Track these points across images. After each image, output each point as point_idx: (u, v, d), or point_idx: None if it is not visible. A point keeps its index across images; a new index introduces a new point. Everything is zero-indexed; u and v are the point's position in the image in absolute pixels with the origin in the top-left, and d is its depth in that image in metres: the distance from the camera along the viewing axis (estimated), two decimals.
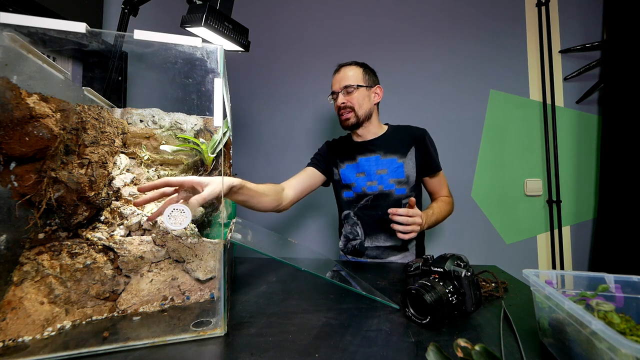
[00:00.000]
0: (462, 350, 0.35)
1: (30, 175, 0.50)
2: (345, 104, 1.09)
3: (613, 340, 0.30)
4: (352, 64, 1.14)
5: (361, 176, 1.13)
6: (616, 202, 1.34)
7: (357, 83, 1.09)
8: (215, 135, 0.71)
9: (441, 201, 1.11)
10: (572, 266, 1.49)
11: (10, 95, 0.46)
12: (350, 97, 1.09)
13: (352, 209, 1.15)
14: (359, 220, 1.13)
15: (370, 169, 1.12)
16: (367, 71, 1.14)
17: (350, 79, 1.10)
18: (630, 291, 0.49)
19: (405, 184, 1.10)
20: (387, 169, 1.10)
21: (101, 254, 0.56)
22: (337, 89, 1.11)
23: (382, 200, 1.09)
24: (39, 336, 0.46)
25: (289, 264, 0.66)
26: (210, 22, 0.94)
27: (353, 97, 1.09)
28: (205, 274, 0.60)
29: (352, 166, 1.15)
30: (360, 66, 1.14)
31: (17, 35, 0.48)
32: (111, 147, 0.62)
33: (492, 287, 0.71)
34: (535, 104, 1.55)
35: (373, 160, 1.12)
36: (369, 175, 1.12)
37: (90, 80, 1.01)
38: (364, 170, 1.13)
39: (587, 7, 1.51)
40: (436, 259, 0.61)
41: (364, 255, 1.11)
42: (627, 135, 1.31)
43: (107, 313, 0.54)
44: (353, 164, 1.15)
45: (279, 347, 0.46)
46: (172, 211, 0.51)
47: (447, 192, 1.16)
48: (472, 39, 1.61)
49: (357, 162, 1.14)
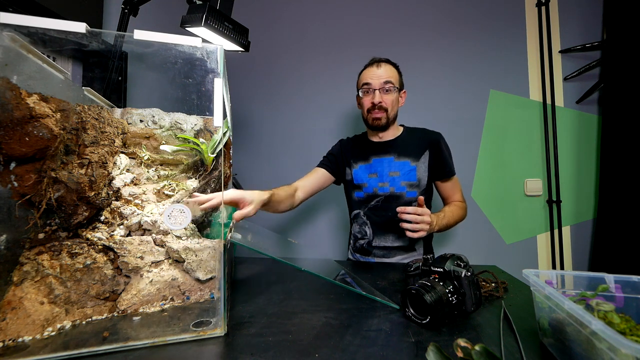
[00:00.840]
0: (462, 350, 0.35)
1: (30, 175, 0.50)
2: (381, 104, 1.05)
3: (613, 340, 0.30)
4: (390, 64, 1.09)
5: (373, 177, 1.12)
6: (616, 202, 1.34)
7: (396, 84, 1.06)
8: (215, 135, 0.71)
9: (454, 205, 1.10)
10: (572, 266, 1.49)
11: (11, 95, 0.46)
12: (387, 96, 1.05)
13: (362, 209, 1.15)
14: (368, 220, 1.13)
15: (383, 170, 1.11)
16: (400, 73, 1.11)
17: (392, 77, 1.06)
18: (630, 291, 0.49)
19: (417, 187, 1.09)
20: (399, 172, 1.09)
21: (101, 254, 0.56)
22: (376, 84, 1.05)
23: (392, 201, 1.09)
24: (39, 336, 0.46)
25: (289, 264, 0.66)
26: (210, 22, 0.94)
27: (389, 97, 1.06)
28: (205, 274, 0.60)
29: (365, 167, 1.14)
30: (396, 67, 1.11)
31: (17, 35, 0.48)
32: (111, 147, 0.62)
33: (492, 287, 0.71)
34: (535, 104, 1.55)
35: (386, 162, 1.11)
36: (381, 176, 1.11)
37: (90, 80, 1.01)
38: (376, 171, 1.12)
39: (587, 7, 1.51)
40: (436, 259, 0.61)
41: (371, 254, 1.12)
42: (627, 135, 1.31)
43: (107, 313, 0.54)
44: (366, 165, 1.14)
45: (279, 347, 0.46)
46: (172, 211, 0.51)
47: (460, 197, 1.15)
48: (472, 39, 1.61)
49: (371, 163, 1.13)
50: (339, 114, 1.75)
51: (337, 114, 1.75)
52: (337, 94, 1.75)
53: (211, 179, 0.71)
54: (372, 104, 1.06)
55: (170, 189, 0.66)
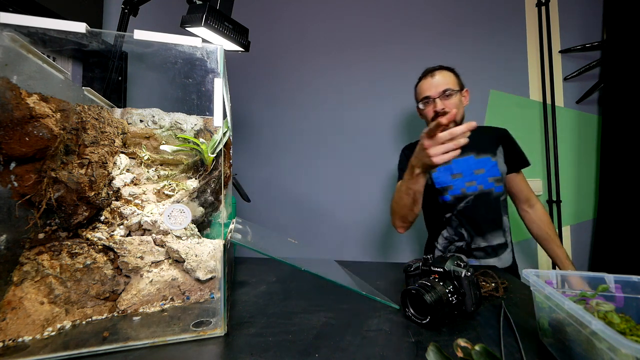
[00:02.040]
0: (462, 350, 0.35)
1: (30, 175, 0.50)
2: (444, 109, 1.07)
3: (613, 340, 0.30)
4: (444, 69, 1.13)
5: (458, 177, 1.12)
6: (616, 202, 1.34)
7: (454, 87, 1.09)
8: (215, 135, 0.71)
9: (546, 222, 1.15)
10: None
11: (11, 95, 0.46)
12: (448, 101, 1.08)
13: (452, 212, 1.13)
14: (462, 221, 1.11)
15: (467, 168, 1.11)
16: (457, 75, 1.14)
17: (449, 83, 1.09)
18: (630, 291, 0.49)
19: (501, 181, 1.11)
20: (484, 168, 1.11)
21: (101, 254, 0.56)
22: (434, 94, 1.09)
23: (483, 199, 1.09)
24: (39, 336, 0.46)
25: (289, 264, 0.66)
26: (210, 22, 0.94)
27: (451, 101, 1.08)
28: (205, 274, 0.59)
29: (444, 169, 1.13)
30: (451, 70, 1.14)
31: (17, 35, 0.48)
32: (111, 147, 0.62)
33: (492, 287, 0.71)
34: (535, 104, 1.55)
35: (468, 160, 1.12)
36: (466, 175, 1.11)
37: (90, 80, 1.01)
38: (460, 171, 1.12)
39: (587, 7, 1.51)
40: (436, 259, 0.61)
41: (472, 256, 1.10)
42: (627, 135, 1.31)
43: (107, 313, 0.54)
44: (446, 166, 1.13)
45: (279, 347, 0.46)
46: (172, 211, 0.51)
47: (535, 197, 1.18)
48: (472, 39, 1.61)
49: (450, 164, 1.12)
50: (339, 114, 1.75)
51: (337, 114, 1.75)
52: (337, 94, 1.75)
53: (211, 179, 0.71)
54: (435, 112, 1.08)
55: (170, 189, 0.66)
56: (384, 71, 1.71)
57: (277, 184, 1.76)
